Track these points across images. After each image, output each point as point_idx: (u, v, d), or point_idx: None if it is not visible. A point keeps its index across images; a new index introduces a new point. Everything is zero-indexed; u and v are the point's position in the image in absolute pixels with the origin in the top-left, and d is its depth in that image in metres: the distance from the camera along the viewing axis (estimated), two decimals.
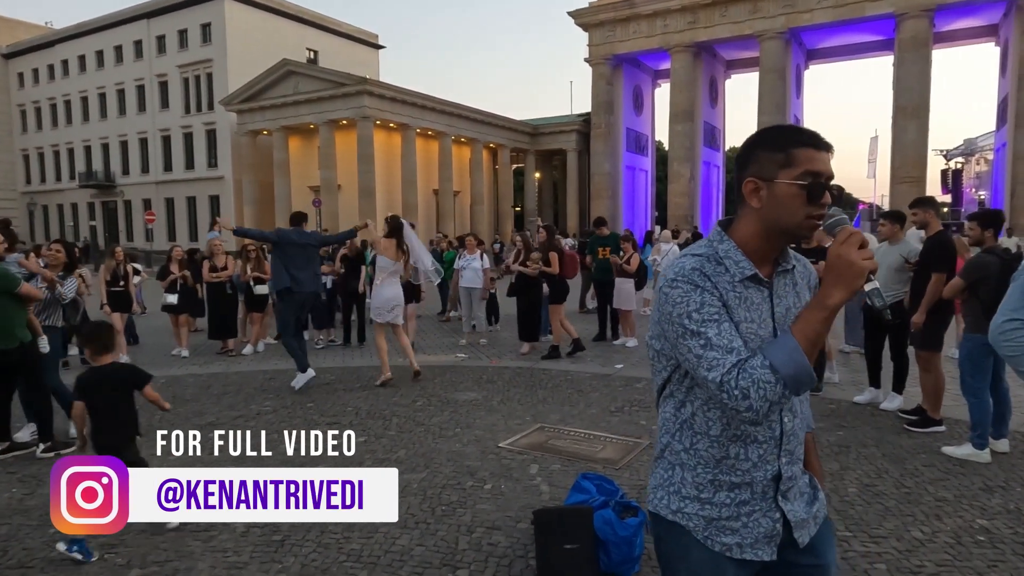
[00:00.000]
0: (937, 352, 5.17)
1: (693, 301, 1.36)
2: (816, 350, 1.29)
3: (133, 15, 42.08)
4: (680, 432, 1.49)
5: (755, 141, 1.44)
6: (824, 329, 1.29)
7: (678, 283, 1.39)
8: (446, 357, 8.76)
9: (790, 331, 1.32)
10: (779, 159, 1.37)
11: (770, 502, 1.45)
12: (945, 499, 3.88)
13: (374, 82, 34.26)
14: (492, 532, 3.50)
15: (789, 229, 1.39)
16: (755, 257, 1.42)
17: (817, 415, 5.59)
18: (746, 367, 1.29)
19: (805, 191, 1.34)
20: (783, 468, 1.45)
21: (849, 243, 1.28)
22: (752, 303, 1.40)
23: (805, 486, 1.54)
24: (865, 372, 6.15)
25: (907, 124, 28.71)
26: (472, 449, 4.83)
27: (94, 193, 45.61)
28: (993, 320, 2.60)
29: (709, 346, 1.33)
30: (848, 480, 4.18)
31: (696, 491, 1.46)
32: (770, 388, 1.27)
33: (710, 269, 1.39)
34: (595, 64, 36.73)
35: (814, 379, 1.29)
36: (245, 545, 3.41)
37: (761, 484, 1.44)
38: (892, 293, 5.63)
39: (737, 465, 1.43)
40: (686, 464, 1.48)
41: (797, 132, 1.40)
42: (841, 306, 1.29)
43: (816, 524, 1.53)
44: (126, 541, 3.46)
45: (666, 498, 1.51)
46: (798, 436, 1.49)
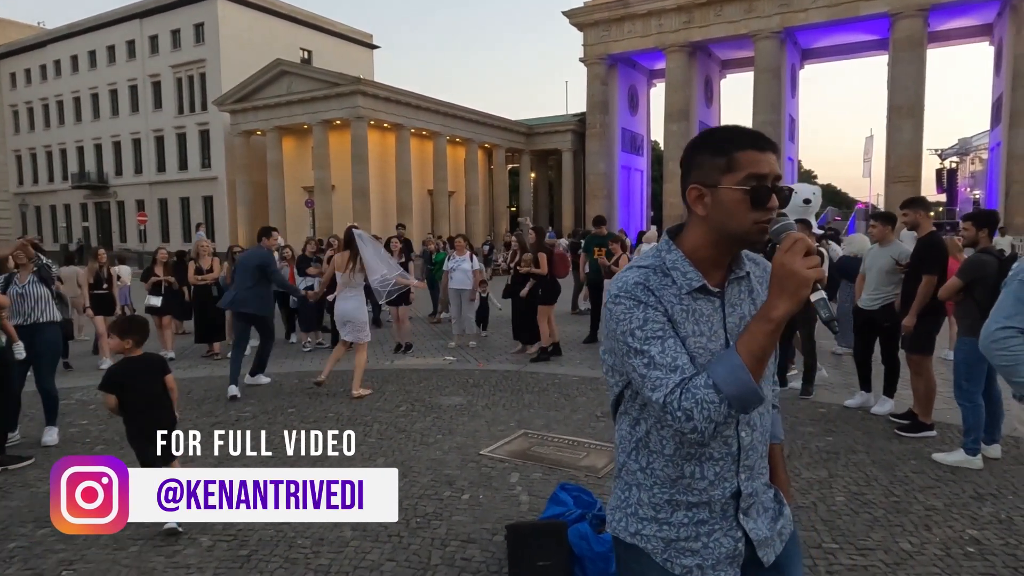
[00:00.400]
0: (928, 355, 5.08)
1: (636, 318, 1.29)
2: (762, 366, 1.20)
3: (126, 15, 41.83)
4: (636, 451, 1.42)
5: (696, 145, 1.36)
6: (770, 343, 1.19)
7: (621, 299, 1.32)
8: (434, 360, 8.64)
9: (734, 347, 1.23)
10: (721, 164, 1.29)
11: (731, 521, 1.38)
12: (935, 508, 3.77)
13: (368, 82, 34.10)
14: (467, 546, 3.38)
15: (737, 236, 1.31)
16: (705, 265, 1.35)
17: (806, 420, 5.50)
18: (689, 387, 1.22)
19: (749, 196, 1.26)
20: (742, 485, 1.37)
21: (793, 251, 1.18)
22: (701, 315, 1.32)
23: (769, 501, 1.46)
24: (857, 375, 6.05)
25: (902, 123, 28.69)
26: (453, 457, 4.71)
27: (87, 194, 45.34)
28: (985, 327, 2.48)
29: (652, 365, 1.26)
30: (836, 488, 4.07)
31: (653, 512, 1.39)
32: (714, 408, 1.19)
33: (655, 282, 1.32)
34: (590, 64, 36.67)
35: (761, 396, 1.20)
36: (210, 561, 3.28)
37: (720, 503, 1.36)
38: (883, 296, 5.54)
39: (693, 484, 1.36)
40: (642, 484, 1.41)
41: (738, 133, 1.32)
42: (787, 317, 1.18)
43: (782, 541, 1.46)
44: (87, 557, 3.34)
45: (624, 520, 1.44)
46: (758, 450, 1.40)
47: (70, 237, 45.19)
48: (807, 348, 6.27)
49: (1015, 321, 2.35)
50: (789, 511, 1.51)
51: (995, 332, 2.37)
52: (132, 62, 41.99)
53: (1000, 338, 2.35)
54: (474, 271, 9.83)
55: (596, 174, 36.89)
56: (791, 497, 1.57)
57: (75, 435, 5.62)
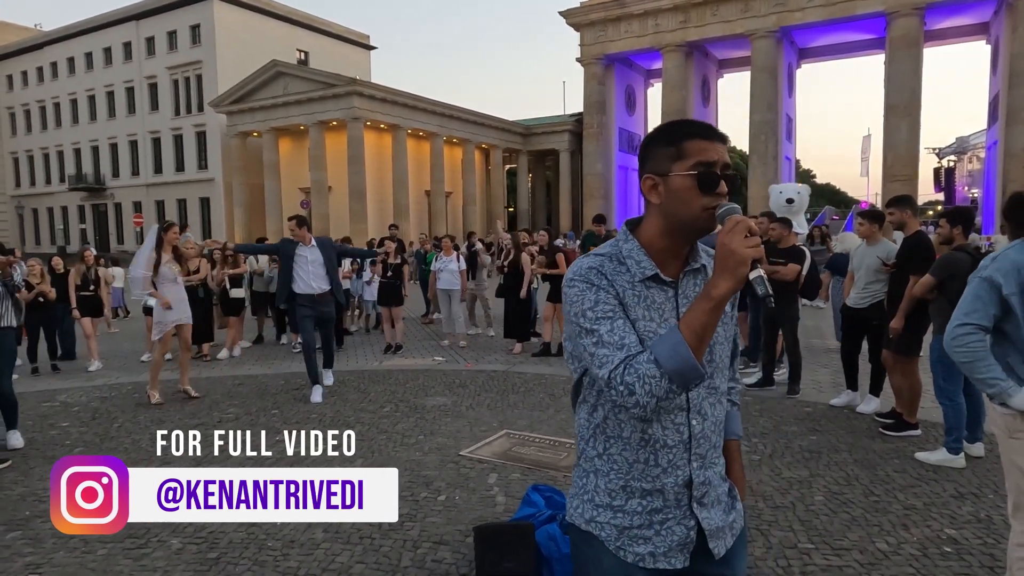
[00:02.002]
0: (915, 357, 5.02)
1: (588, 299, 1.34)
2: (703, 343, 1.24)
3: (122, 17, 41.80)
4: (593, 438, 1.45)
5: (650, 138, 1.42)
6: (711, 320, 1.23)
7: (575, 282, 1.37)
8: (423, 361, 8.60)
9: (677, 325, 1.26)
10: (671, 153, 1.35)
11: (684, 509, 1.41)
12: (914, 507, 3.73)
13: (364, 83, 34.07)
14: (438, 547, 3.34)
15: (687, 222, 1.35)
16: (661, 256, 1.39)
17: (791, 419, 5.47)
18: (633, 363, 1.26)
19: (697, 181, 1.31)
20: (694, 473, 1.41)
21: (734, 231, 1.22)
22: (653, 303, 1.37)
23: (724, 495, 1.49)
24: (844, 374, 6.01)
25: (899, 122, 28.65)
26: (432, 458, 4.67)
27: (84, 196, 45.31)
28: (948, 325, 2.45)
29: (601, 343, 1.31)
30: (816, 487, 4.03)
31: (609, 498, 1.42)
32: (655, 383, 1.24)
33: (609, 268, 1.37)
34: (587, 64, 36.64)
35: (700, 372, 1.23)
36: (177, 564, 3.24)
37: (673, 491, 1.40)
38: (871, 294, 5.50)
39: (647, 471, 1.39)
40: (600, 471, 1.44)
41: (688, 124, 1.39)
42: (728, 296, 1.23)
43: (732, 535, 1.48)
44: (54, 560, 3.31)
45: (581, 507, 1.47)
46: (710, 440, 1.43)
47: (67, 239, 45.16)
48: (791, 347, 6.23)
49: (973, 318, 2.32)
50: (741, 507, 1.53)
51: (954, 329, 2.34)
52: (129, 64, 41.97)
53: (958, 335, 2.33)
54: (461, 271, 9.81)
55: (593, 174, 36.84)
56: (745, 494, 1.60)
57: (56, 437, 5.58)
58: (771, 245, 6.40)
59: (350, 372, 7.93)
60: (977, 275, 2.39)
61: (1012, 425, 2.32)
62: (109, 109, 43.45)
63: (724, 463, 1.52)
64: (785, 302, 6.18)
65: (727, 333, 1.45)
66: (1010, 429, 2.33)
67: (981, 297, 2.34)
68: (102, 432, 5.68)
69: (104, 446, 5.26)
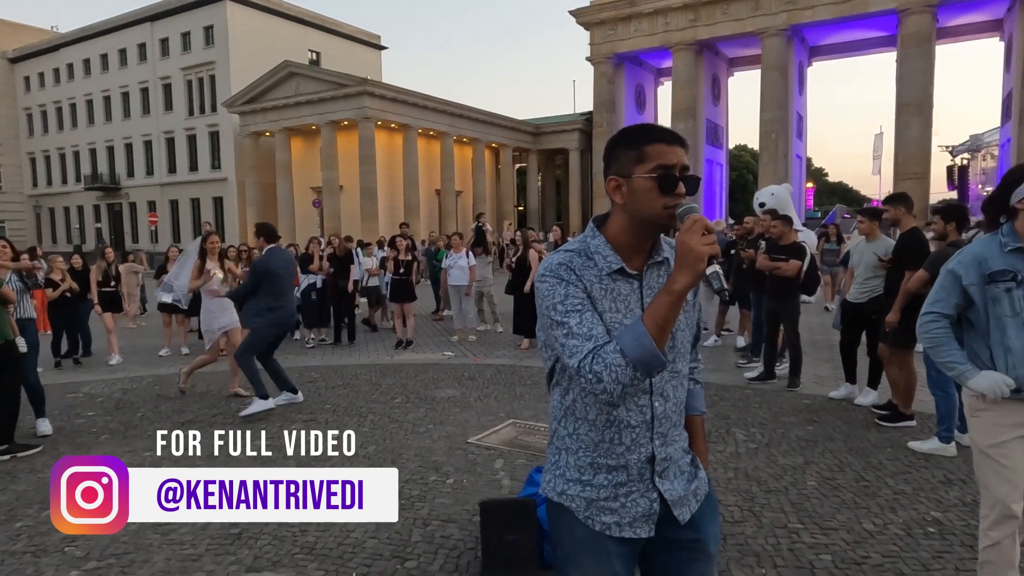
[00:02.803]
0: (910, 349, 5.16)
1: (558, 294, 1.45)
2: (665, 334, 1.35)
3: (137, 18, 42.29)
4: (564, 418, 1.57)
5: (613, 142, 1.53)
6: (671, 312, 1.34)
7: (546, 278, 1.48)
8: (433, 355, 8.81)
9: (640, 318, 1.38)
10: (633, 156, 1.46)
11: (647, 483, 1.53)
12: (903, 492, 3.89)
13: (375, 83, 34.33)
14: (447, 525, 3.55)
15: (650, 220, 1.46)
16: (626, 250, 1.50)
17: (790, 410, 5.62)
18: (600, 353, 1.37)
19: (657, 183, 1.42)
20: (656, 450, 1.52)
21: (692, 230, 1.33)
22: (619, 295, 1.48)
23: (686, 465, 1.62)
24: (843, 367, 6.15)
25: (911, 120, 28.55)
26: (441, 445, 4.87)
27: (99, 195, 45.89)
28: None
29: (571, 335, 1.41)
30: (809, 473, 4.20)
31: (578, 474, 1.54)
32: (621, 371, 1.34)
33: (578, 263, 1.48)
34: (597, 63, 36.70)
35: (662, 361, 1.35)
36: (203, 538, 3.46)
37: (636, 466, 1.51)
38: (870, 289, 5.64)
39: (612, 449, 1.51)
40: (570, 448, 1.56)
41: (649, 129, 1.49)
42: (687, 290, 1.34)
43: (696, 501, 1.61)
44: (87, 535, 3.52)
45: (553, 481, 1.59)
46: (671, 419, 1.55)
47: (83, 238, 45.80)
48: (792, 341, 6.38)
49: (937, 307, 2.50)
50: (704, 475, 1.66)
51: (921, 317, 2.52)
52: (143, 65, 42.47)
53: (924, 322, 2.51)
54: (471, 267, 10.01)
55: None
56: (707, 464, 1.73)
57: (82, 425, 5.83)
58: (773, 242, 6.55)
59: (362, 366, 8.15)
60: (945, 267, 2.56)
61: (973, 404, 2.49)
62: (124, 110, 43.99)
63: (687, 437, 1.65)
64: (787, 297, 6.34)
65: (688, 320, 1.57)
66: (971, 408, 2.50)
67: (945, 287, 2.52)
68: (126, 421, 5.93)
69: (129, 433, 5.50)
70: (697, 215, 1.37)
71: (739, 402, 5.94)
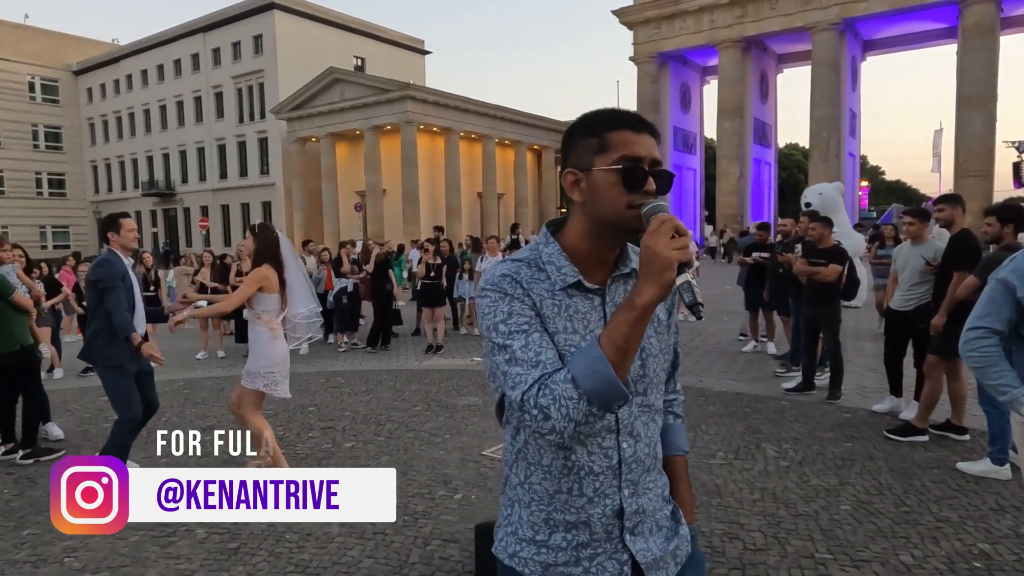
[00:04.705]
0: (951, 360, 4.76)
1: (500, 311, 1.20)
2: (627, 358, 1.10)
3: (190, 30, 43.75)
4: (516, 463, 1.32)
5: (572, 128, 1.28)
6: (634, 332, 1.09)
7: (486, 292, 1.24)
8: (461, 361, 8.69)
9: (596, 339, 1.13)
10: (593, 144, 1.22)
11: (615, 542, 1.27)
12: (948, 520, 3.55)
13: (417, 87, 34.64)
14: (447, 545, 3.39)
15: (612, 221, 1.22)
16: (587, 261, 1.26)
17: (827, 424, 5.28)
18: (548, 383, 1.12)
19: (622, 177, 1.18)
20: (625, 502, 1.26)
21: (659, 232, 1.09)
22: (576, 312, 1.23)
23: (664, 519, 1.35)
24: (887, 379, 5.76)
25: (972, 115, 27.21)
26: (454, 457, 4.72)
27: (156, 201, 47.62)
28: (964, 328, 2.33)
29: (514, 360, 1.16)
30: (843, 496, 3.89)
31: (532, 532, 1.29)
32: (572, 405, 1.10)
33: (526, 275, 1.24)
34: (640, 63, 36.21)
35: (623, 392, 1.10)
36: (199, 552, 3.39)
37: (601, 522, 1.25)
38: (917, 296, 5.25)
39: (571, 501, 1.25)
40: (521, 500, 1.31)
41: (612, 114, 1.25)
42: (653, 304, 1.09)
43: (676, 564, 1.34)
44: (89, 545, 3.51)
45: (504, 540, 1.34)
46: (643, 463, 1.29)
47: (141, 243, 47.51)
48: (832, 350, 6.01)
49: (986, 321, 2.20)
50: (687, 530, 1.39)
51: (966, 333, 2.22)
52: (196, 74, 43.87)
53: (970, 339, 2.21)
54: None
55: None
56: (692, 516, 1.45)
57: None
58: (811, 245, 6.20)
59: (388, 371, 8.09)
60: (994, 276, 2.27)
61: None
62: (179, 118, 45.54)
63: (665, 483, 1.38)
64: (826, 304, 5.98)
65: (663, 344, 1.32)
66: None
67: (995, 300, 2.22)
68: (150, 425, 5.93)
69: (151, 438, 5.51)
70: (666, 215, 1.12)
71: (773, 415, 5.61)
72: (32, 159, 49.65)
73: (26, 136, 49.18)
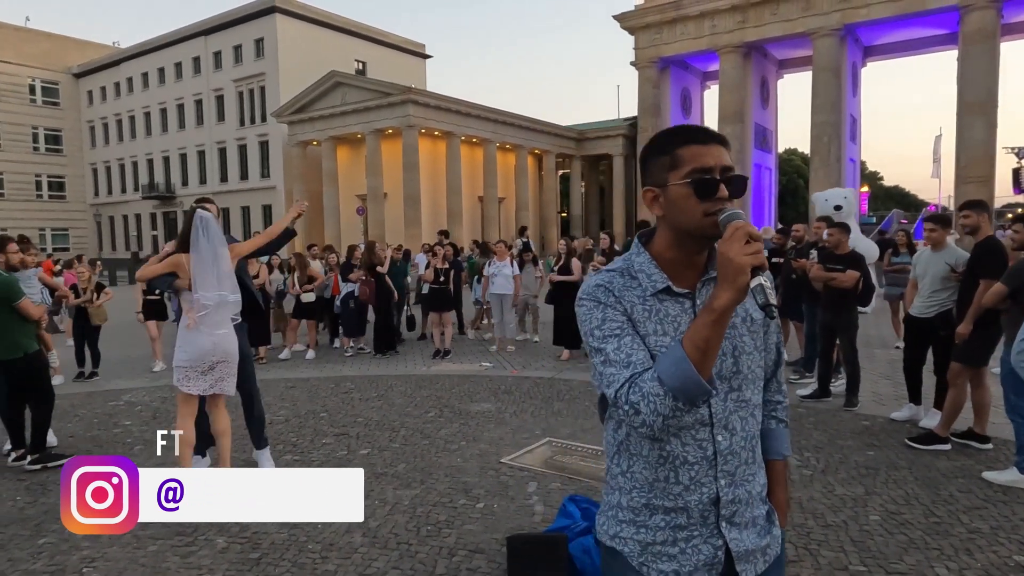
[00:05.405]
0: (975, 368, 4.72)
1: (595, 318, 1.34)
2: (708, 357, 1.20)
3: (191, 33, 43.74)
4: (617, 454, 1.44)
5: (645, 150, 1.40)
6: (713, 333, 1.19)
7: (583, 301, 1.37)
8: (470, 366, 8.63)
9: (679, 341, 1.23)
10: (666, 162, 1.33)
11: (711, 528, 1.35)
12: (979, 531, 3.50)
13: (418, 91, 34.62)
14: (474, 556, 3.32)
15: (691, 231, 1.32)
16: (674, 267, 1.37)
17: (847, 432, 5.23)
18: (638, 381, 1.25)
19: (694, 188, 1.28)
20: (722, 491, 1.35)
21: (733, 239, 1.18)
22: (667, 316, 1.34)
23: (761, 517, 1.42)
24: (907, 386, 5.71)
25: (973, 121, 27.24)
26: (473, 464, 4.66)
27: (156, 204, 47.52)
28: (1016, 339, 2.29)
29: (608, 362, 1.30)
30: (871, 506, 3.83)
31: (632, 515, 1.40)
32: (659, 401, 1.21)
33: (618, 284, 1.36)
34: (641, 67, 36.21)
35: (705, 389, 1.19)
36: (221, 563, 3.33)
37: (698, 508, 1.35)
38: (938, 302, 5.21)
39: (668, 488, 1.36)
40: (623, 488, 1.42)
41: (680, 131, 1.36)
42: (731, 307, 1.18)
43: (765, 562, 1.41)
44: (107, 555, 3.44)
45: (606, 523, 1.45)
46: (740, 456, 1.37)
47: (140, 245, 47.45)
48: (848, 356, 5.96)
49: None
50: (779, 532, 1.46)
51: (1020, 343, 2.17)
52: (197, 77, 43.85)
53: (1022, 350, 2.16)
54: (515, 276, 9.81)
55: None
56: (785, 521, 1.52)
57: (118, 435, 5.83)
58: (828, 252, 6.15)
59: (398, 376, 8.03)
60: None
61: None
62: (179, 121, 45.49)
63: (764, 482, 1.45)
64: (844, 310, 5.94)
65: (757, 342, 1.40)
66: None
67: None
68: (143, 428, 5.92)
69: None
70: (740, 222, 1.21)
71: (791, 422, 5.54)
72: (32, 161, 49.57)
73: (26, 138, 49.11)
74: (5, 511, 4.10)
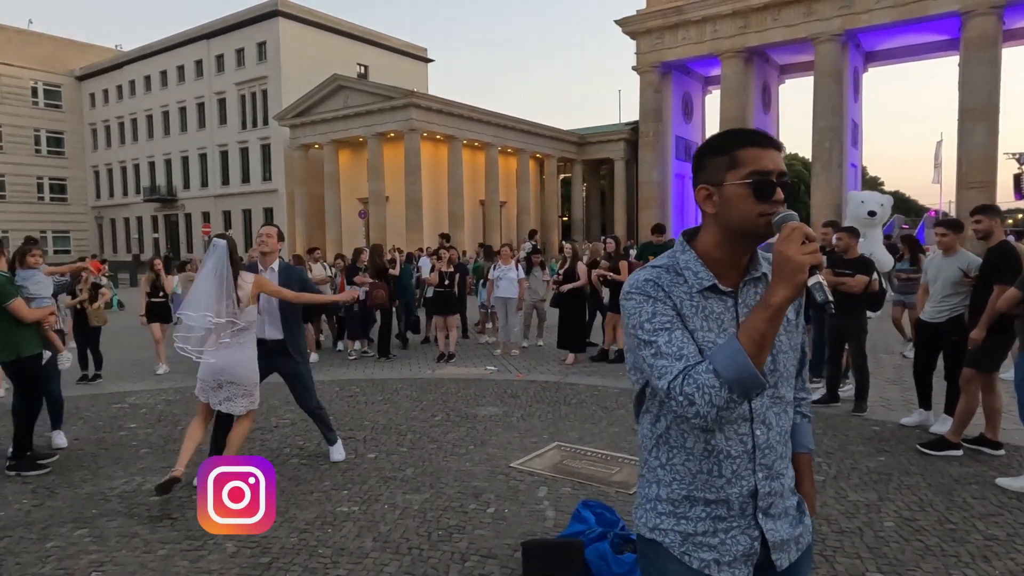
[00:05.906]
0: (987, 373, 4.69)
1: (645, 312, 1.35)
2: (763, 351, 1.23)
3: (194, 36, 43.80)
4: (656, 447, 1.46)
5: (702, 148, 1.43)
6: (769, 328, 1.23)
7: (631, 295, 1.39)
8: (476, 370, 8.60)
9: (735, 334, 1.27)
10: (724, 162, 1.36)
11: (749, 519, 1.40)
12: (995, 538, 3.47)
13: (420, 95, 34.63)
14: (486, 561, 3.29)
15: (744, 230, 1.35)
16: (719, 266, 1.39)
17: (857, 438, 5.20)
18: (692, 373, 1.27)
19: (752, 189, 1.31)
20: (759, 484, 1.39)
21: (790, 239, 1.22)
22: (712, 313, 1.37)
23: (792, 508, 1.47)
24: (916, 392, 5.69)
25: (974, 127, 27.25)
26: (482, 468, 4.63)
27: (157, 207, 47.50)
28: None
29: (659, 355, 1.32)
30: (886, 513, 3.80)
31: (672, 507, 1.42)
32: (714, 392, 1.24)
33: (666, 280, 1.38)
34: (643, 72, 36.22)
35: (760, 381, 1.23)
36: (231, 567, 3.30)
37: (738, 501, 1.39)
38: (949, 307, 5.19)
39: (711, 481, 1.39)
40: (662, 480, 1.44)
41: (740, 133, 1.39)
42: (786, 304, 1.22)
43: (798, 550, 1.46)
44: (117, 559, 3.41)
45: (644, 516, 1.48)
46: (775, 450, 1.41)
47: (141, 248, 47.45)
48: (858, 361, 5.94)
49: None
50: (810, 521, 1.52)
51: None
52: (200, 80, 43.89)
53: None
54: (520, 280, 9.79)
55: (649, 183, 36.34)
56: (815, 510, 1.58)
57: (123, 438, 5.80)
58: (837, 256, 6.14)
59: (403, 380, 8.00)
60: None
61: None
62: (181, 124, 45.51)
63: (793, 476, 1.50)
64: (853, 315, 5.92)
65: (792, 341, 1.43)
66: None
67: None
68: (166, 435, 5.89)
69: (168, 448, 5.43)
70: (797, 222, 1.25)
71: None
72: (34, 164, 49.60)
73: (28, 141, 49.16)
74: (11, 514, 4.07)
